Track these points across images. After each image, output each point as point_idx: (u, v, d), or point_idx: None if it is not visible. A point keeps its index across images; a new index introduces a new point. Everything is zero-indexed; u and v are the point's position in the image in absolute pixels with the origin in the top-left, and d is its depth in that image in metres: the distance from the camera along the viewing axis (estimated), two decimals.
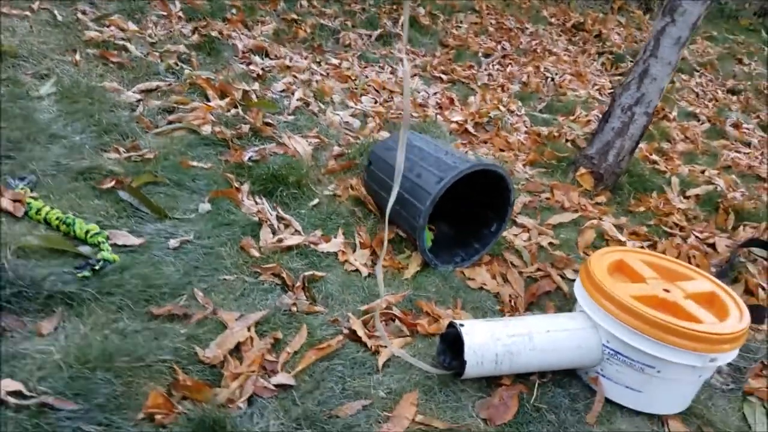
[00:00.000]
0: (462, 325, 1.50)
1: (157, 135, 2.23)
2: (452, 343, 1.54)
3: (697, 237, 2.50)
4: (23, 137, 1.88)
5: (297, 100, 2.79)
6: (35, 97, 2.15)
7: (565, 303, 1.96)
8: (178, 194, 1.93)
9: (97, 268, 1.45)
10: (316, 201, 2.14)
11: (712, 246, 2.45)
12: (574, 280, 2.09)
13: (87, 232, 1.55)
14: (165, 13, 3.42)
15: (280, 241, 1.87)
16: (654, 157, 3.25)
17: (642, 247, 2.34)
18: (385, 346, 1.55)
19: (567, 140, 3.19)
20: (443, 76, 3.74)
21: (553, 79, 4.15)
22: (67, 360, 1.23)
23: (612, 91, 2.78)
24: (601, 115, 2.91)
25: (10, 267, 1.38)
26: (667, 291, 1.61)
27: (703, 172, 3.29)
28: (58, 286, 1.38)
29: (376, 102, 3.12)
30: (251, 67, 3.02)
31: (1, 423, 1.07)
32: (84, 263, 1.46)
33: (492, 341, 1.49)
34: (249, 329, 1.49)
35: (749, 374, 1.79)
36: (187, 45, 3.01)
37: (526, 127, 3.27)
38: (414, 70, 3.77)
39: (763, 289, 2.18)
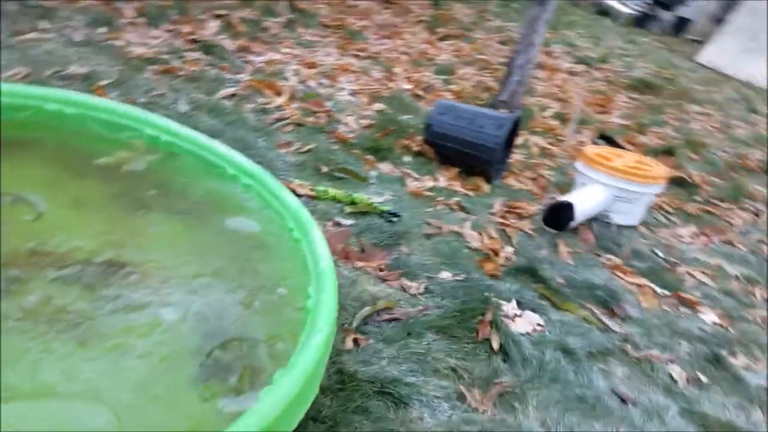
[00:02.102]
0: (567, 200, 2.76)
1: (278, 130, 2.84)
2: (552, 211, 2.80)
3: (574, 138, 4.16)
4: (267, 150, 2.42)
5: (319, 89, 3.51)
6: (188, 115, 2.55)
7: (558, 187, 3.36)
8: (348, 167, 2.69)
9: (399, 215, 2.28)
10: (410, 158, 3.07)
11: (582, 142, 4.15)
12: (549, 175, 3.51)
13: (363, 199, 2.32)
14: (129, 20, 3.59)
15: (422, 185, 2.82)
16: None
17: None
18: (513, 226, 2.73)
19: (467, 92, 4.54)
20: (360, 54, 4.68)
21: (416, 49, 5.41)
22: None
23: (509, 58, 4.20)
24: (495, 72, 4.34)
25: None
26: (625, 160, 3.12)
27: (539, 100, 5.01)
28: (394, 228, 2.20)
29: (350, 81, 3.97)
30: (258, 65, 3.56)
31: None
32: (388, 215, 2.27)
33: (581, 205, 2.79)
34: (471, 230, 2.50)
35: None
36: (198, 50, 3.38)
37: (442, 86, 4.51)
38: (337, 51, 4.61)
39: None
